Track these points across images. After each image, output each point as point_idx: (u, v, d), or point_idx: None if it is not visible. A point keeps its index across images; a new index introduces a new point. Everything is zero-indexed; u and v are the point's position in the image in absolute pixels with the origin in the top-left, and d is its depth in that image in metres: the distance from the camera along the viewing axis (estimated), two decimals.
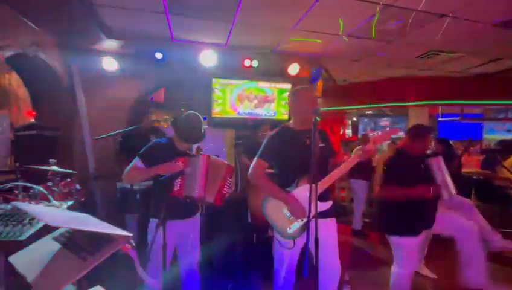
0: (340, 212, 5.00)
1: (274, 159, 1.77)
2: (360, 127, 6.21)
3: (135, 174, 1.80)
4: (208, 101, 4.00)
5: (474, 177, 4.00)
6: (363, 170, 3.86)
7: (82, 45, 3.49)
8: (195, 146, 2.03)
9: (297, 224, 1.68)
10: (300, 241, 1.72)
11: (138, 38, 3.50)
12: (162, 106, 4.74)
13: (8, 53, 2.47)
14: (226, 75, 3.96)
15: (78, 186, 2.72)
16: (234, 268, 2.80)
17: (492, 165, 3.74)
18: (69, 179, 2.64)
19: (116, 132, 3.17)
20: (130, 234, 0.95)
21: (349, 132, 6.45)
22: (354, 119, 6.42)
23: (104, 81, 3.72)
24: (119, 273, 1.70)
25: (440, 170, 2.02)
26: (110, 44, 3.54)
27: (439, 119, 5.49)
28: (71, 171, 2.48)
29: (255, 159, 1.77)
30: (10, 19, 2.62)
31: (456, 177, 2.81)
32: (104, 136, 3.08)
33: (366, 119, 6.16)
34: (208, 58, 3.60)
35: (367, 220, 4.27)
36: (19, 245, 1.14)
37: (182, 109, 4.42)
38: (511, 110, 5.52)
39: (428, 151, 2.49)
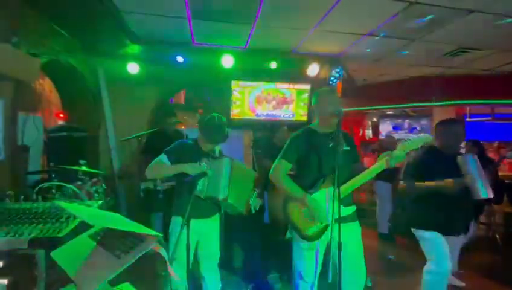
0: (360, 215, 4.88)
1: (297, 161, 1.75)
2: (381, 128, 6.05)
3: (160, 168, 1.84)
4: (226, 103, 4.05)
5: (507, 181, 3.78)
6: (387, 172, 3.75)
7: (108, 51, 3.66)
8: (218, 149, 2.06)
9: (317, 227, 1.66)
10: (321, 245, 1.71)
11: (161, 43, 3.61)
12: (182, 108, 4.86)
13: (43, 60, 2.63)
14: (244, 77, 3.99)
15: (104, 186, 2.85)
16: (253, 269, 2.81)
17: None
18: (95, 179, 2.77)
19: (142, 133, 3.28)
20: (160, 234, 0.98)
21: (369, 132, 6.29)
22: (374, 119, 6.25)
23: (128, 85, 3.86)
24: (144, 271, 1.76)
25: (470, 168, 1.85)
26: (134, 49, 3.67)
27: (467, 119, 5.22)
28: (99, 171, 2.60)
29: (277, 160, 1.76)
30: (44, 27, 2.80)
31: (493, 183, 2.67)
32: (129, 137, 3.20)
33: (387, 120, 5.98)
34: (227, 61, 3.65)
35: (389, 223, 4.14)
36: (59, 241, 1.21)
37: (199, 111, 4.52)
38: None
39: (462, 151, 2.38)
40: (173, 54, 3.63)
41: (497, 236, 3.74)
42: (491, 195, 1.81)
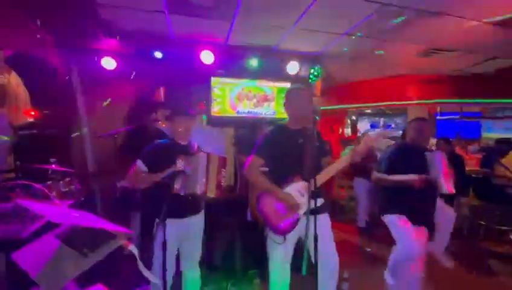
0: (337, 210, 5.03)
1: (268, 157, 1.80)
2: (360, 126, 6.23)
3: (138, 180, 1.83)
4: (207, 100, 4.00)
5: (473, 175, 4.03)
6: (364, 169, 3.90)
7: (81, 44, 3.50)
8: (195, 144, 2.05)
9: (288, 220, 1.70)
10: (292, 237, 1.75)
11: (137, 38, 3.50)
12: (162, 105, 4.74)
13: (8, 52, 2.47)
14: (225, 74, 3.97)
15: (77, 186, 2.74)
16: (234, 266, 2.81)
17: (491, 163, 3.77)
18: (68, 179, 2.65)
19: (119, 130, 3.17)
20: (131, 231, 0.96)
21: (348, 131, 6.46)
22: (353, 118, 6.43)
23: (103, 80, 3.72)
24: (121, 272, 1.72)
25: (436, 164, 2.02)
26: (109, 43, 3.54)
27: (438, 117, 5.51)
28: (70, 170, 2.48)
29: (250, 156, 1.80)
30: (10, 18, 2.62)
31: (461, 176, 2.89)
32: (105, 134, 3.08)
33: (365, 118, 6.17)
34: (207, 57, 3.61)
35: (366, 219, 4.29)
36: (21, 242, 1.15)
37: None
38: (509, 109, 5.54)
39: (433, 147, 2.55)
40: (151, 50, 3.53)
41: (464, 227, 3.98)
42: (453, 190, 1.94)
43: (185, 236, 1.91)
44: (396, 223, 2.10)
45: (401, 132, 5.35)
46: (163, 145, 1.92)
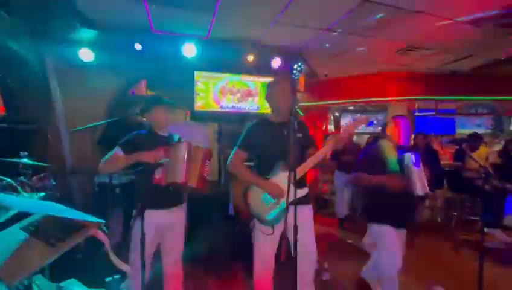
0: (321, 204, 5.14)
1: (252, 149, 1.81)
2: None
3: (114, 161, 1.75)
4: (190, 95, 3.95)
5: (447, 168, 4.23)
6: (343, 162, 4.00)
7: (57, 35, 3.34)
8: (176, 136, 2.02)
9: (276, 211, 1.72)
10: (279, 229, 1.77)
11: (116, 29, 3.39)
12: (144, 99, 4.63)
13: None
14: (208, 68, 3.93)
15: (53, 181, 2.64)
16: (217, 260, 2.82)
17: (463, 157, 3.96)
18: (42, 174, 2.55)
19: (96, 123, 3.07)
20: (102, 221, 0.94)
21: (331, 127, 6.58)
22: (336, 114, 6.55)
23: (81, 73, 3.58)
24: (97, 266, 1.67)
25: (411, 166, 1.95)
26: (87, 34, 3.41)
27: (416, 114, 5.71)
28: (43, 164, 2.39)
29: (233, 149, 1.81)
30: None
31: (436, 170, 2.91)
32: (81, 128, 2.98)
33: (348, 115, 6.30)
34: (190, 51, 3.56)
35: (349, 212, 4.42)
36: None
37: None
38: (481, 106, 5.84)
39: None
40: (131, 41, 3.43)
41: (439, 218, 4.18)
42: (427, 191, 1.96)
43: (167, 228, 1.88)
44: (383, 234, 2.07)
45: (380, 128, 5.54)
46: (142, 135, 1.88)
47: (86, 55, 3.44)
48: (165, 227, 1.87)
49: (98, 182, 2.98)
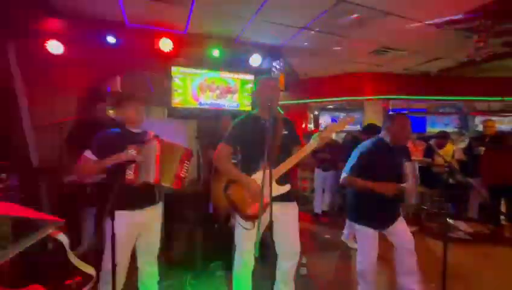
0: (300, 201, 5.22)
1: (238, 145, 1.82)
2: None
3: (86, 169, 1.70)
4: (167, 91, 3.85)
5: (418, 165, 4.45)
6: (323, 161, 4.10)
7: (20, 24, 3.12)
8: (151, 132, 1.95)
9: (257, 206, 1.72)
10: (262, 224, 1.77)
11: (87, 20, 3.23)
12: (119, 96, 4.45)
13: None
14: (186, 63, 3.84)
15: (15, 182, 2.47)
16: (194, 259, 2.77)
17: (432, 153, 4.19)
18: (4, 174, 2.38)
19: (63, 120, 2.91)
20: (61, 219, 0.89)
21: (311, 125, 6.69)
22: (316, 112, 6.68)
23: (49, 66, 3.37)
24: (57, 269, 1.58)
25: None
26: (55, 24, 3.21)
27: (390, 113, 5.96)
28: (6, 163, 2.22)
29: (220, 144, 1.82)
30: None
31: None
32: (47, 124, 2.81)
33: (327, 113, 6.44)
34: (166, 45, 3.46)
35: (325, 209, 4.53)
36: None
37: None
38: (449, 106, 6.21)
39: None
40: (103, 34, 3.28)
41: (409, 213, 4.39)
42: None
43: (141, 228, 1.83)
44: (363, 235, 2.11)
45: (358, 126, 5.72)
46: (113, 133, 1.80)
47: (55, 47, 3.24)
48: (138, 227, 1.81)
49: (68, 181, 2.82)
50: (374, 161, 2.03)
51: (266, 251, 1.57)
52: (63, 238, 0.87)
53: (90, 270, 0.94)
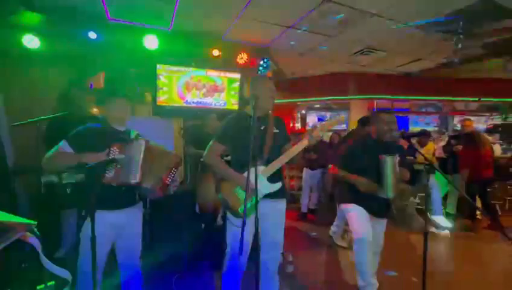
0: (288, 199, 5.26)
1: (229, 142, 1.81)
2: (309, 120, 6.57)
3: (59, 158, 1.59)
4: (152, 89, 3.77)
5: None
6: (310, 160, 4.15)
7: None
8: (134, 132, 1.89)
9: (248, 204, 1.72)
10: (251, 222, 1.77)
11: (67, 14, 3.10)
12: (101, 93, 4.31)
13: None
14: (171, 61, 3.77)
15: None
16: (180, 260, 2.73)
17: (414, 151, 4.31)
18: None
19: (40, 118, 2.77)
20: (33, 222, 0.84)
21: (298, 124, 6.75)
22: (303, 112, 6.74)
23: (26, 62, 3.23)
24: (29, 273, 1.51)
25: (387, 171, 1.97)
26: (32, 18, 3.06)
27: (374, 111, 6.11)
28: None
29: (211, 141, 1.81)
30: None
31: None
32: (23, 122, 2.68)
33: (314, 113, 6.53)
34: (151, 42, 3.39)
35: (312, 207, 4.58)
36: None
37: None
38: (430, 106, 6.44)
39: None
40: (84, 29, 3.16)
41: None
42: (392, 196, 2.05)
43: (120, 228, 1.77)
44: (351, 212, 2.21)
45: (344, 125, 5.82)
46: (95, 129, 1.73)
47: (32, 42, 3.10)
48: (117, 227, 1.75)
49: (45, 182, 2.70)
50: (357, 154, 2.19)
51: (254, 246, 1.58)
52: (34, 241, 0.82)
53: (65, 274, 0.89)
